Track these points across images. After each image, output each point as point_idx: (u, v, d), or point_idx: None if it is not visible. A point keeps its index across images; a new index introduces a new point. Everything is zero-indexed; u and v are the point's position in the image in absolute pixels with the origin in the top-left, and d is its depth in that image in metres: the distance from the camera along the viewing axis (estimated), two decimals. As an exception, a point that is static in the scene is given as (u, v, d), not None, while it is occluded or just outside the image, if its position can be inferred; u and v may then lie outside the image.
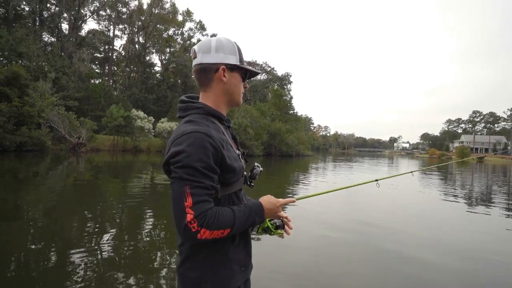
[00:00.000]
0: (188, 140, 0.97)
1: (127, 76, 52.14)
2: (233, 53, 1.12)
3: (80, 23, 44.68)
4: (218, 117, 1.13)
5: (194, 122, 1.05)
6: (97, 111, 34.89)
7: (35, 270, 3.55)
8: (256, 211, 1.07)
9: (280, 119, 47.94)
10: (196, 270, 1.03)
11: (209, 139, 0.99)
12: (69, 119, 25.90)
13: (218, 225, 0.95)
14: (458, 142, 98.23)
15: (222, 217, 0.97)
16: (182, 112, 1.13)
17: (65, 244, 4.50)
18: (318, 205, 7.88)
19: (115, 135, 30.85)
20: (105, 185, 10.49)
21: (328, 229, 5.88)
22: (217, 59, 1.09)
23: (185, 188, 0.94)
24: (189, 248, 1.04)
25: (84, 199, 7.80)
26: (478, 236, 5.94)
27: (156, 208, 7.22)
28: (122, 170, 15.56)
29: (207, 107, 1.11)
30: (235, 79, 1.13)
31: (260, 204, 1.10)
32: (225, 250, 1.05)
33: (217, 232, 0.95)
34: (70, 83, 33.92)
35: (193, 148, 0.96)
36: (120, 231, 5.20)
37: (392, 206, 8.81)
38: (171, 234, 5.10)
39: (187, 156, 0.95)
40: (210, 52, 1.10)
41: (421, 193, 11.60)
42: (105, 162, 19.11)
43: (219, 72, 1.10)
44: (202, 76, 1.12)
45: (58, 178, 11.41)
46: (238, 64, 1.12)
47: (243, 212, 1.04)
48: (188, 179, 0.94)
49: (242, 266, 1.10)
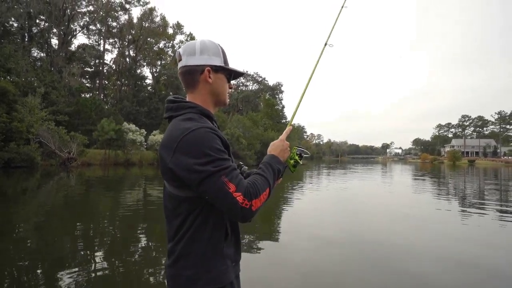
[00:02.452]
0: (197, 136, 0.99)
1: (118, 90, 51.96)
2: (217, 54, 1.14)
3: (70, 38, 44.59)
4: (210, 117, 1.14)
5: (194, 119, 1.06)
6: (88, 125, 34.51)
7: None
8: (274, 161, 1.15)
9: (272, 128, 48.20)
10: (191, 268, 1.04)
11: (215, 135, 1.03)
12: (59, 134, 25.55)
13: (260, 189, 1.01)
14: (449, 146, 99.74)
15: (258, 182, 1.03)
16: (173, 112, 1.12)
17: (56, 263, 4.35)
18: (311, 215, 7.81)
19: (106, 148, 30.49)
20: (97, 200, 10.29)
21: (322, 240, 5.80)
22: (201, 61, 1.12)
23: (222, 178, 0.96)
24: (183, 246, 1.04)
25: (75, 215, 7.62)
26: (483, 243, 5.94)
27: (149, 222, 7.09)
28: (114, 184, 15.33)
29: (200, 107, 1.12)
30: (220, 80, 1.16)
31: (272, 154, 1.19)
32: (220, 246, 1.06)
33: (263, 196, 1.01)
34: (60, 98, 33.58)
35: (206, 141, 0.99)
36: (113, 248, 5.06)
37: (388, 212, 8.80)
38: (165, 247, 4.97)
39: (204, 150, 0.97)
40: (194, 54, 1.12)
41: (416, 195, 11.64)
42: (97, 177, 18.86)
43: (204, 74, 1.12)
44: (188, 78, 1.14)
45: (48, 194, 11.16)
46: (223, 65, 1.15)
47: (266, 168, 1.11)
48: (219, 170, 0.97)
49: (233, 262, 1.11)
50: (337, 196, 12.14)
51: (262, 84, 69.81)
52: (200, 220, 1.04)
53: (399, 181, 20.16)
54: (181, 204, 1.05)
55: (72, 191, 12.25)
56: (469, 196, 12.83)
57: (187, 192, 1.03)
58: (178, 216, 1.06)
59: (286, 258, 4.60)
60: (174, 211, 1.08)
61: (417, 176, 26.07)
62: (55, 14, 39.95)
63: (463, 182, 20.15)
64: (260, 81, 69.90)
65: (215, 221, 1.06)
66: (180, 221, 1.06)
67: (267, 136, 42.92)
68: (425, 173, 29.41)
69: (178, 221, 1.06)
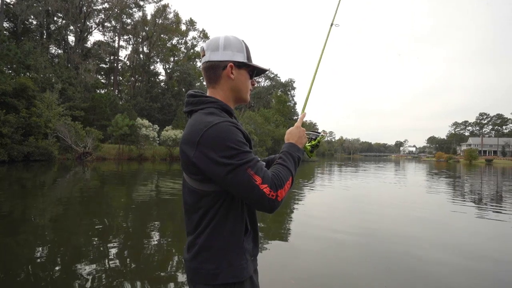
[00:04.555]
0: (220, 130, 0.99)
1: (132, 86, 52.73)
2: (241, 50, 1.14)
3: (86, 35, 45.46)
4: (230, 112, 1.14)
5: (216, 114, 1.06)
6: (103, 121, 35.20)
7: (43, 281, 3.53)
8: (293, 149, 1.17)
9: (284, 125, 47.93)
10: (212, 262, 1.05)
11: (237, 128, 1.03)
12: (75, 129, 26.16)
13: (283, 179, 1.03)
14: (466, 145, 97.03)
15: (281, 172, 1.05)
16: (194, 106, 1.12)
17: (73, 254, 4.47)
18: (323, 211, 7.76)
19: (120, 144, 31.04)
20: (112, 194, 10.49)
21: (333, 241, 5.74)
22: (225, 57, 1.12)
23: (248, 171, 0.97)
24: (204, 240, 1.05)
25: (91, 208, 7.79)
26: (497, 240, 5.79)
27: (162, 216, 7.19)
28: (128, 179, 15.58)
29: (221, 102, 1.12)
30: (243, 76, 1.16)
31: (290, 142, 1.21)
32: (240, 240, 1.07)
33: (287, 185, 1.03)
34: (76, 94, 34.34)
35: (229, 135, 0.99)
36: (127, 240, 5.16)
37: (399, 209, 8.67)
38: (179, 241, 5.06)
39: (227, 144, 0.98)
40: (218, 50, 1.12)
41: (429, 194, 11.40)
42: (111, 171, 19.19)
43: (227, 69, 1.12)
44: (210, 73, 1.14)
45: (65, 187, 11.45)
46: (246, 61, 1.15)
47: (287, 158, 1.13)
48: (244, 163, 0.98)
49: (252, 256, 1.13)
50: (348, 194, 12.00)
51: (274, 81, 69.49)
52: (221, 214, 1.05)
53: (412, 180, 19.78)
54: (203, 198, 1.06)
55: (87, 184, 12.51)
56: (486, 197, 12.47)
57: (209, 186, 1.04)
58: (199, 210, 1.07)
59: (294, 258, 4.54)
60: (195, 206, 1.08)
61: (431, 175, 25.51)
62: (72, 11, 40.77)
63: (479, 182, 19.60)
64: (272, 77, 69.62)
65: (235, 215, 1.07)
66: (201, 215, 1.06)
67: (279, 133, 42.75)
68: (439, 172, 28.75)
69: (198, 215, 1.07)
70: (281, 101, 55.20)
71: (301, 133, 1.24)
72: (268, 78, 69.34)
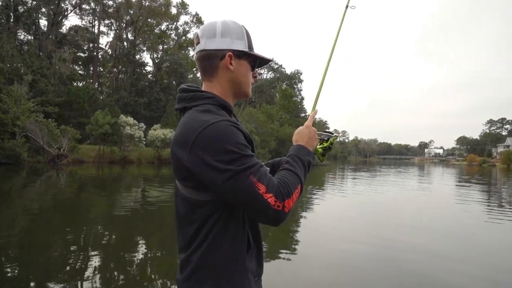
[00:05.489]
0: (218, 130, 0.99)
1: (115, 78, 52.84)
2: (241, 37, 1.15)
3: (61, 18, 45.61)
4: (229, 110, 1.14)
5: (212, 112, 1.07)
6: (81, 118, 35.27)
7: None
8: (302, 153, 1.18)
9: (290, 124, 48.00)
10: (209, 284, 1.04)
11: (238, 129, 1.03)
12: (48, 127, 26.16)
13: (291, 187, 1.02)
14: (503, 146, 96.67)
15: (288, 179, 1.04)
16: (187, 103, 1.13)
17: (43, 274, 4.41)
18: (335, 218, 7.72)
19: (101, 144, 31.07)
20: (90, 203, 10.46)
21: (345, 253, 5.71)
22: (222, 45, 1.13)
23: (250, 178, 0.97)
24: (199, 257, 1.05)
25: (65, 220, 7.74)
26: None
27: (149, 229, 7.15)
28: (109, 185, 15.57)
29: (218, 98, 1.13)
30: (243, 67, 1.17)
31: (299, 144, 1.21)
32: (241, 258, 1.07)
33: (295, 194, 1.03)
34: (50, 87, 34.42)
35: (229, 136, 0.99)
36: (107, 257, 5.11)
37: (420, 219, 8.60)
38: (169, 259, 5.00)
39: (226, 147, 0.98)
40: (215, 36, 1.13)
41: (459, 205, 11.33)
42: (90, 176, 19.19)
43: (225, 60, 1.13)
44: (206, 64, 1.15)
45: (35, 195, 11.40)
46: (247, 50, 1.15)
47: (295, 162, 1.13)
48: (246, 168, 0.97)
49: (255, 276, 1.13)
50: (363, 203, 11.99)
51: (279, 72, 69.56)
52: (219, 227, 1.04)
53: (438, 188, 19.70)
54: (197, 208, 1.05)
55: (62, 191, 12.46)
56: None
57: (205, 195, 1.04)
58: (193, 222, 1.06)
59: (304, 272, 4.56)
60: (188, 217, 1.08)
61: (462, 181, 25.42)
62: (44, -9, 40.89)
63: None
64: (276, 68, 69.70)
65: (236, 229, 1.06)
66: (196, 228, 1.06)
67: (284, 132, 42.76)
68: (471, 178, 28.66)
69: (193, 228, 1.07)
70: (287, 96, 55.26)
71: (311, 133, 1.25)
72: (271, 69, 69.46)
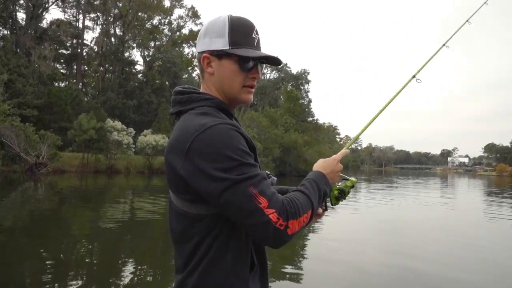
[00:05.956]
0: (216, 134, 0.99)
1: (101, 78, 53.17)
2: (221, 34, 1.13)
3: (41, 11, 46.01)
4: (229, 113, 1.16)
5: (211, 114, 1.07)
6: (62, 122, 35.37)
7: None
8: (322, 181, 1.18)
9: (296, 129, 48.12)
10: None
11: (239, 133, 1.03)
12: (26, 132, 26.25)
13: (300, 209, 1.01)
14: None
15: (299, 200, 1.04)
16: (183, 106, 1.15)
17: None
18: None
19: (84, 152, 31.11)
20: (71, 218, 10.44)
21: (358, 273, 5.62)
22: (202, 47, 1.16)
23: (250, 189, 0.96)
24: (197, 279, 1.05)
25: (43, 237, 7.70)
26: None
27: (139, 246, 7.15)
28: (94, 198, 15.59)
29: (217, 99, 1.15)
30: (225, 68, 1.15)
31: (319, 171, 1.22)
32: (244, 279, 1.08)
33: (303, 218, 1.01)
34: (28, 87, 34.58)
35: (228, 140, 0.99)
36: (90, 281, 5.06)
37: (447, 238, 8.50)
38: (162, 281, 4.97)
39: (225, 153, 0.97)
40: (200, 38, 1.18)
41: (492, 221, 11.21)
42: (72, 187, 19.19)
43: (202, 63, 1.16)
44: (199, 67, 1.22)
45: (9, 208, 11.36)
46: (226, 48, 1.12)
47: (311, 186, 1.13)
48: (246, 178, 0.97)
49: None
50: (377, 219, 12.02)
51: (283, 72, 69.94)
52: (218, 244, 1.05)
53: (464, 202, 19.60)
54: (195, 224, 1.06)
55: (40, 205, 12.45)
56: None
57: (203, 208, 1.04)
58: (190, 239, 1.07)
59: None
60: (185, 234, 1.08)
61: (491, 195, 25.25)
62: (23, -19, 41.31)
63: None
64: (280, 68, 70.05)
65: (238, 247, 1.07)
66: (193, 246, 1.06)
67: (289, 139, 42.81)
68: (502, 191, 28.50)
69: (190, 246, 1.07)
70: (292, 98, 55.35)
71: (337, 168, 1.28)
72: (274, 68, 69.75)
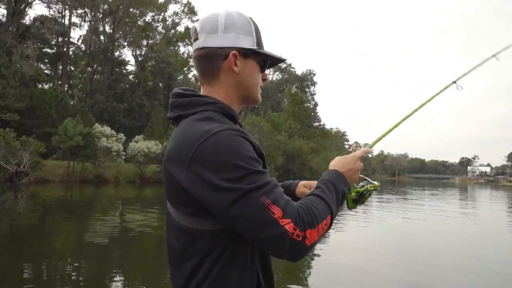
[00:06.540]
0: (222, 141, 0.99)
1: (89, 79, 53.34)
2: (248, 32, 1.16)
3: (24, 7, 46.28)
4: (234, 118, 1.16)
5: (215, 119, 1.07)
6: (46, 127, 35.45)
7: None
8: (339, 181, 1.17)
9: (300, 135, 48.26)
10: None
11: (246, 139, 1.03)
12: (6, 138, 26.27)
13: (317, 216, 1.00)
14: None
15: (314, 206, 1.02)
16: (183, 110, 1.14)
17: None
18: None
19: (70, 160, 31.14)
20: (55, 232, 10.44)
21: None
22: (226, 42, 1.14)
23: (261, 200, 0.95)
24: None
25: (24, 252, 7.69)
26: None
27: (130, 263, 7.15)
28: (80, 210, 15.56)
29: (221, 104, 1.14)
30: (251, 68, 1.18)
31: (336, 170, 1.22)
32: None
33: (322, 226, 1.01)
34: (8, 89, 34.68)
35: (235, 148, 0.99)
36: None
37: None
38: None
39: (233, 161, 0.97)
40: (216, 31, 1.14)
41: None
42: (56, 198, 19.15)
43: (228, 60, 1.14)
44: (205, 65, 1.17)
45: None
46: (255, 48, 1.16)
47: (328, 189, 1.11)
48: (257, 187, 0.96)
49: None
50: (392, 234, 12.08)
51: (287, 73, 70.17)
52: (223, 263, 1.03)
53: (486, 215, 19.48)
54: (197, 240, 1.05)
55: (20, 217, 12.45)
56: None
57: (206, 224, 1.04)
58: (191, 258, 1.05)
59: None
60: (185, 252, 1.07)
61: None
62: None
63: None
64: (284, 68, 70.27)
65: (243, 265, 1.06)
66: (194, 265, 1.05)
67: (293, 145, 42.82)
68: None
69: (190, 266, 1.05)
70: (297, 101, 55.48)
71: (356, 166, 1.27)
72: (278, 69, 70.01)
